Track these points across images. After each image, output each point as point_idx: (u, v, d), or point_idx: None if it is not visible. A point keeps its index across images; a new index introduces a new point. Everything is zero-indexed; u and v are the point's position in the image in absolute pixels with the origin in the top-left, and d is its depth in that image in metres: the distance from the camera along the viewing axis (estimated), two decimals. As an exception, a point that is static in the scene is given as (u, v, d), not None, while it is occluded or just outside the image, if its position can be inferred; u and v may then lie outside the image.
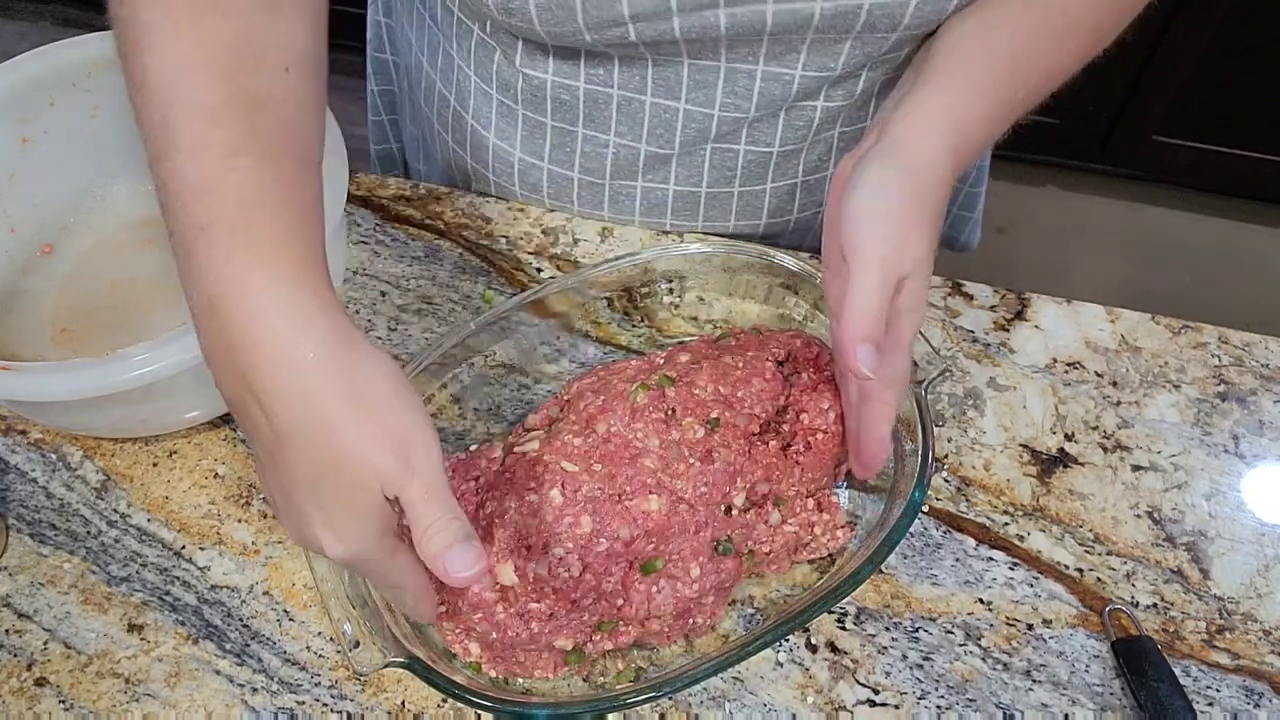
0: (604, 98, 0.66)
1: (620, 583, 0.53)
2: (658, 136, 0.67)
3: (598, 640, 0.54)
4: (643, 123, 0.66)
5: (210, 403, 0.62)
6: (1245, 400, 0.68)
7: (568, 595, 0.52)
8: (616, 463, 0.54)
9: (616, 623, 0.54)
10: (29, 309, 0.69)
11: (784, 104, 0.63)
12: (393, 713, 0.56)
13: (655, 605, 0.53)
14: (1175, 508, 0.63)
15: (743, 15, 0.56)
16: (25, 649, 0.57)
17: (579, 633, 0.53)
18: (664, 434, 0.55)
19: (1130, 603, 0.60)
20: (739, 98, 0.63)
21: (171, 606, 0.59)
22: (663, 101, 0.65)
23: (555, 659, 0.54)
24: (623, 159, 0.70)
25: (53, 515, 0.62)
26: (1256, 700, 0.57)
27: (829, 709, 0.56)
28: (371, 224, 0.76)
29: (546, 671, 0.55)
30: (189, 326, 0.54)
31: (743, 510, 0.55)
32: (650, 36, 0.58)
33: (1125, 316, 0.72)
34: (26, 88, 0.68)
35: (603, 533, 0.53)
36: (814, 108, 0.64)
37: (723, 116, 0.65)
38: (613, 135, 0.68)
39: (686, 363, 0.58)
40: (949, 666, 0.57)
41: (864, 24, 0.57)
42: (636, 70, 0.63)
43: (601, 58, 0.63)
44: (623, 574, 0.53)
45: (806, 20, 0.56)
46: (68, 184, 0.73)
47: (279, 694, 0.56)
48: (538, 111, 0.69)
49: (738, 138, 0.67)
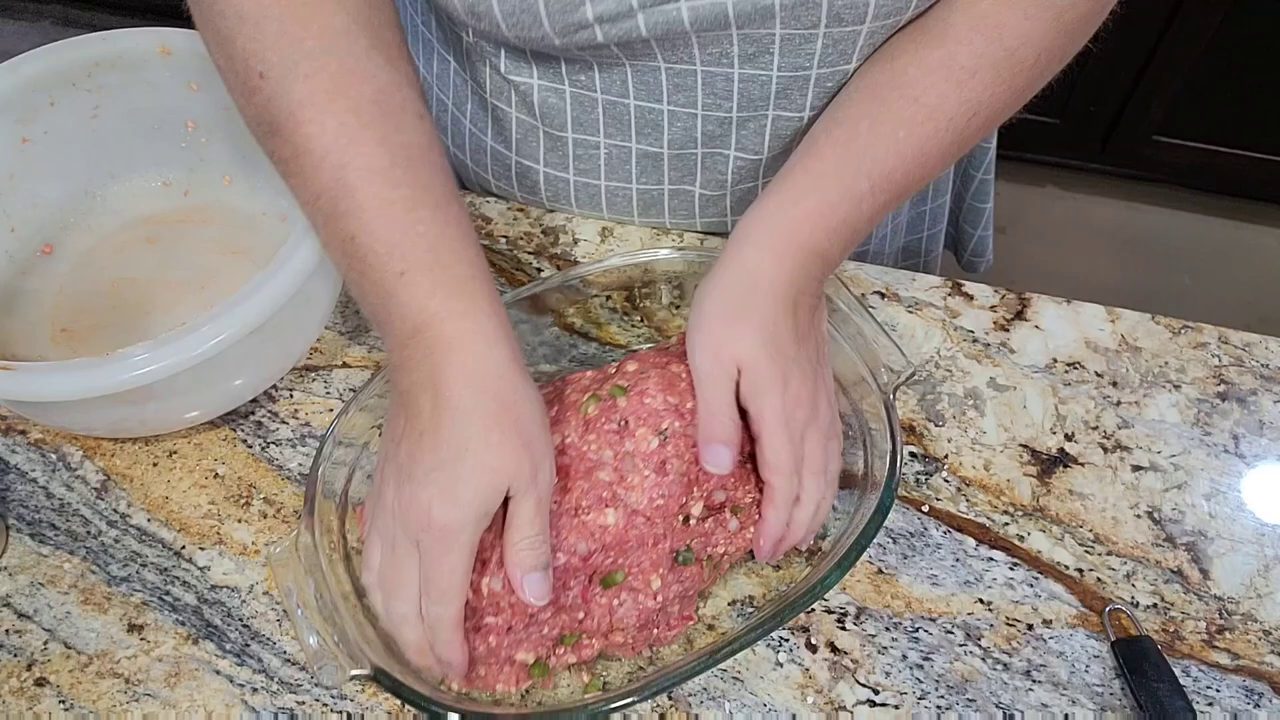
0: (589, 101, 0.66)
1: (580, 596, 0.53)
2: (646, 135, 0.67)
3: (561, 654, 0.54)
4: (629, 124, 0.67)
5: (210, 403, 0.62)
6: (1245, 400, 0.68)
7: (524, 609, 0.52)
8: (572, 476, 0.54)
9: (579, 636, 0.54)
10: (29, 309, 0.69)
11: (766, 104, 0.63)
12: (392, 713, 0.56)
13: (618, 618, 0.53)
14: (1175, 508, 0.63)
15: (704, 7, 0.56)
16: (25, 649, 0.57)
17: (540, 646, 0.53)
18: (618, 446, 0.54)
19: (1130, 603, 0.60)
20: (719, 97, 0.63)
21: (171, 606, 0.59)
22: (646, 104, 0.65)
23: (517, 673, 0.53)
24: (615, 159, 0.70)
25: (53, 515, 0.62)
26: (1256, 700, 0.57)
27: (829, 709, 0.56)
28: (371, 224, 0.76)
29: (508, 685, 0.53)
30: (189, 326, 0.55)
31: (700, 519, 0.55)
32: (618, 37, 0.58)
33: (1125, 316, 0.72)
34: (26, 88, 0.68)
35: (560, 547, 0.52)
36: (799, 117, 0.64)
37: (707, 115, 0.65)
38: (602, 137, 0.68)
39: (635, 372, 0.57)
40: (949, 666, 0.57)
41: (829, 15, 0.57)
42: (617, 76, 0.64)
43: (581, 64, 0.64)
44: (582, 588, 0.53)
45: (768, 10, 0.56)
46: (68, 184, 0.73)
47: (279, 694, 0.56)
48: (529, 115, 0.69)
49: (727, 143, 0.67)
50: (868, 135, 0.56)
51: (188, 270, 0.72)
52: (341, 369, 0.69)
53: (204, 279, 0.71)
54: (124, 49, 0.69)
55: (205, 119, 0.73)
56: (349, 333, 0.70)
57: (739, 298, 0.54)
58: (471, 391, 0.49)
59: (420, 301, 0.49)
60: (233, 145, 0.74)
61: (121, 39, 0.69)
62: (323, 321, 0.67)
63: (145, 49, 0.69)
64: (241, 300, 0.56)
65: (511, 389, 0.49)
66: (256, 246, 0.73)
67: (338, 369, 0.69)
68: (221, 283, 0.71)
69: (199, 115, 0.73)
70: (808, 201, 0.55)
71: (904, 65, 0.57)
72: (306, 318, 0.65)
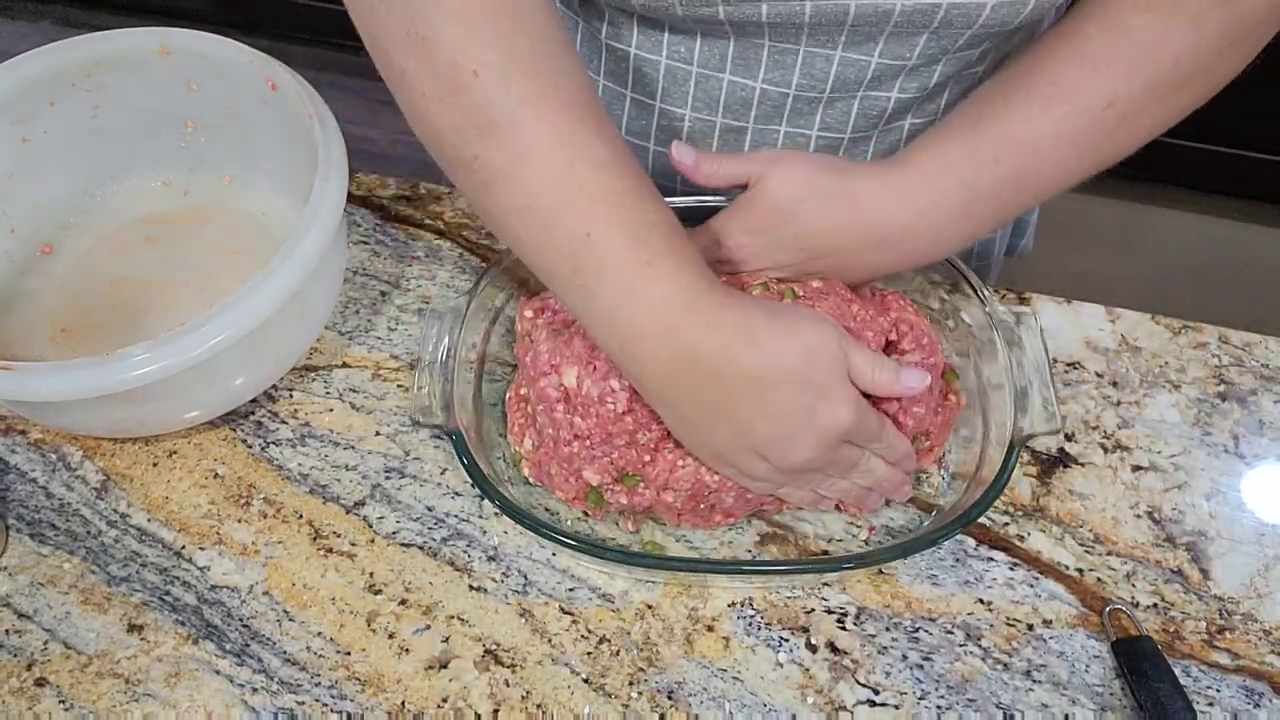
0: (683, 74, 0.67)
1: (654, 442, 0.57)
2: (733, 111, 0.68)
3: (617, 490, 0.58)
4: (719, 99, 0.67)
5: (210, 403, 0.62)
6: (1245, 400, 0.68)
7: (606, 426, 0.56)
8: None
9: (638, 480, 0.57)
10: (29, 309, 0.70)
11: (858, 88, 0.64)
12: (392, 713, 0.56)
13: (675, 477, 0.57)
14: (1175, 508, 0.63)
15: (827, 7, 0.57)
16: (25, 649, 0.57)
17: (605, 472, 0.57)
18: None
19: (1130, 603, 0.60)
20: (815, 79, 0.64)
21: (171, 606, 0.59)
22: (740, 80, 0.66)
23: (579, 488, 0.59)
24: (698, 132, 0.70)
25: (53, 515, 0.62)
26: (1256, 700, 0.57)
27: (829, 709, 0.56)
28: (371, 224, 0.76)
29: (567, 497, 0.60)
30: (189, 326, 0.55)
31: None
32: (737, 18, 0.59)
33: (1125, 316, 0.72)
34: (26, 88, 0.68)
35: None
36: (887, 98, 0.65)
37: (798, 95, 0.66)
38: (689, 110, 0.69)
39: (816, 288, 0.59)
40: (949, 666, 0.57)
41: (941, 20, 0.58)
42: (717, 48, 0.64)
43: (685, 33, 0.64)
44: (658, 437, 0.57)
45: (886, 15, 0.58)
46: (68, 184, 0.73)
47: (279, 694, 0.56)
48: (619, 83, 0.70)
49: (811, 121, 0.68)
50: (1000, 108, 0.57)
51: (187, 270, 0.72)
52: (341, 369, 0.69)
53: (204, 279, 0.71)
54: (124, 49, 0.69)
55: (205, 119, 0.73)
56: (349, 333, 0.70)
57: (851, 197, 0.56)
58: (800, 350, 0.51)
59: (669, 285, 0.50)
60: (232, 145, 0.74)
61: (121, 39, 0.69)
62: (323, 321, 0.67)
63: (145, 49, 0.69)
64: (241, 300, 0.56)
65: (757, 305, 0.52)
66: (256, 246, 0.73)
67: (338, 369, 0.69)
68: (221, 283, 0.71)
69: (199, 115, 0.73)
70: (922, 159, 0.56)
71: (1039, 59, 0.57)
72: (306, 318, 0.65)
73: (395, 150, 1.84)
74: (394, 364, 0.69)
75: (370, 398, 0.67)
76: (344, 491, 0.63)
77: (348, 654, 0.57)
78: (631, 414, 0.56)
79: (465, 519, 0.62)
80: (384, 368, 0.69)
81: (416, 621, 0.58)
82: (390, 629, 0.58)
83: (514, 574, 0.60)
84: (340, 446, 0.65)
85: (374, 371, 0.69)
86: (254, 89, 0.68)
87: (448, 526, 0.62)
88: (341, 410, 0.67)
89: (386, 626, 0.58)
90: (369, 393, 0.68)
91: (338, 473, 0.64)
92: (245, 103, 0.69)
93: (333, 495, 0.63)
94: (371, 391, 0.68)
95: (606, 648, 0.58)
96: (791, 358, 0.50)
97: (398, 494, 0.63)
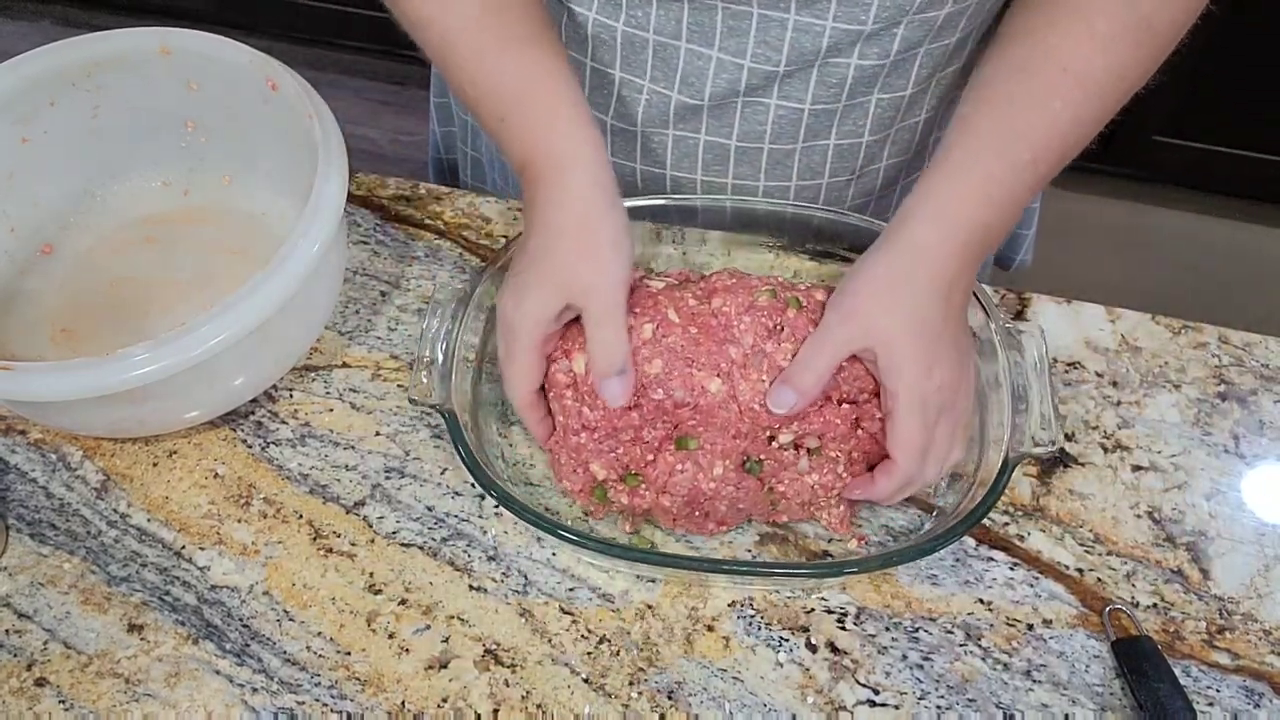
0: (640, 41, 0.67)
1: (657, 442, 0.58)
2: (690, 85, 0.68)
3: (620, 489, 0.59)
4: (676, 69, 0.68)
5: (210, 403, 0.62)
6: (1245, 400, 0.68)
7: (611, 420, 0.57)
8: (708, 336, 0.58)
9: (640, 480, 0.59)
10: (29, 309, 0.70)
11: (815, 57, 0.64)
12: (392, 713, 0.56)
13: (673, 481, 0.58)
14: (1175, 508, 0.63)
15: None
16: (25, 649, 0.57)
17: (610, 467, 0.59)
18: (760, 340, 0.58)
19: (1130, 603, 0.60)
20: (770, 49, 0.64)
21: (171, 606, 0.59)
22: (696, 48, 0.66)
23: (586, 481, 0.60)
24: (654, 106, 0.70)
25: (53, 515, 0.62)
26: (1256, 700, 0.57)
27: (829, 709, 0.56)
28: (371, 224, 0.76)
29: (573, 488, 0.60)
30: (189, 326, 0.55)
31: (782, 447, 0.59)
32: None
33: (1125, 316, 0.72)
34: (26, 88, 0.68)
35: (663, 383, 0.57)
36: (846, 65, 0.65)
37: (753, 68, 0.66)
38: (647, 81, 0.69)
39: (820, 300, 0.60)
40: (949, 666, 0.57)
41: None
42: (673, 12, 0.64)
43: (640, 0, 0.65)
44: (661, 436, 0.58)
45: None
46: (68, 184, 0.73)
47: (279, 694, 0.56)
48: (579, 51, 0.70)
49: (769, 92, 0.67)
50: (1023, 108, 0.57)
51: (187, 270, 0.72)
52: (341, 369, 0.69)
53: (204, 279, 0.71)
54: (124, 49, 0.69)
55: (205, 119, 0.73)
56: (349, 333, 0.70)
57: (901, 272, 0.56)
58: (555, 212, 0.57)
59: (517, 144, 0.58)
60: (232, 145, 0.74)
61: (121, 39, 0.69)
62: (323, 321, 0.67)
63: (145, 49, 0.69)
64: (241, 300, 0.56)
65: (591, 210, 0.57)
66: (256, 246, 0.73)
67: (338, 369, 0.69)
68: (221, 283, 0.71)
69: (199, 115, 0.73)
70: (972, 176, 0.57)
71: (1044, 37, 0.58)
72: (306, 318, 0.65)
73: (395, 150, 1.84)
74: (394, 364, 0.69)
75: (370, 398, 0.67)
76: (344, 491, 0.63)
77: (348, 654, 0.57)
78: (638, 408, 0.57)
79: (465, 519, 0.62)
80: (384, 368, 0.69)
81: (416, 621, 0.58)
82: (390, 629, 0.58)
83: (514, 574, 0.60)
84: (340, 446, 0.65)
85: (374, 371, 0.69)
86: (254, 89, 0.68)
87: (448, 526, 0.62)
88: (341, 410, 0.67)
89: (386, 626, 0.58)
90: (369, 393, 0.68)
91: (338, 473, 0.64)
92: (245, 103, 0.69)
93: (333, 495, 0.63)
94: (371, 391, 0.68)
95: (606, 648, 0.58)
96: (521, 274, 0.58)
97: (398, 494, 0.63)
